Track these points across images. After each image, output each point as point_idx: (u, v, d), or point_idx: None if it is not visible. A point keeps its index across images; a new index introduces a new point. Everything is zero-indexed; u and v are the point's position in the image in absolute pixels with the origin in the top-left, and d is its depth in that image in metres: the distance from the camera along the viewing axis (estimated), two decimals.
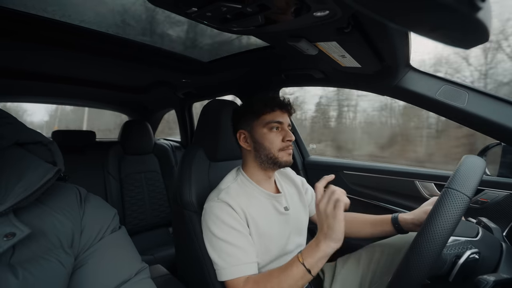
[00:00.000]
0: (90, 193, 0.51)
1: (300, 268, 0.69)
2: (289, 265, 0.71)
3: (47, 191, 0.44)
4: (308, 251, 0.70)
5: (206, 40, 1.12)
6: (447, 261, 0.62)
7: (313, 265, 0.68)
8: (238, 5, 0.54)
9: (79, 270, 0.42)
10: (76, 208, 0.46)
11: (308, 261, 0.68)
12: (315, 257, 0.68)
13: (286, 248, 0.88)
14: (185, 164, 0.99)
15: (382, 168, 1.27)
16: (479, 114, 0.82)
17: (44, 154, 0.46)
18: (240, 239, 0.78)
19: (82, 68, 1.48)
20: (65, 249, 0.41)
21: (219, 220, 0.78)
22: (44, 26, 0.92)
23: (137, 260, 0.49)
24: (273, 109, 0.86)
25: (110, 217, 0.50)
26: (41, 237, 0.40)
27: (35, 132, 0.47)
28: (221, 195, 0.82)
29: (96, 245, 0.45)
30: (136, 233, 1.88)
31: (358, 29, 0.67)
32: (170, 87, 1.77)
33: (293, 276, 0.69)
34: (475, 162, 0.61)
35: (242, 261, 0.75)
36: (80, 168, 1.80)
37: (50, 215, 0.42)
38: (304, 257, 0.69)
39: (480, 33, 0.29)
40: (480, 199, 0.97)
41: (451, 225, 0.52)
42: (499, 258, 0.63)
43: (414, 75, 0.93)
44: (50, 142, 0.48)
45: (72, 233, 0.43)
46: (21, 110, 5.82)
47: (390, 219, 0.90)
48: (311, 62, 1.05)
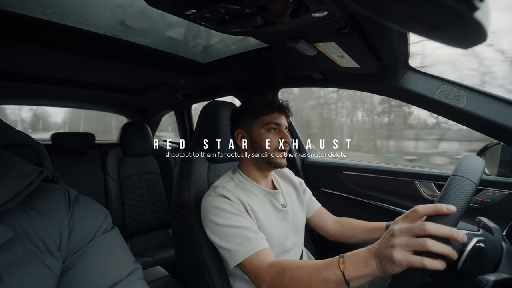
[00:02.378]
0: (81, 194, 0.50)
1: (338, 275, 0.56)
2: (325, 266, 0.60)
3: (33, 194, 0.43)
4: (352, 260, 0.57)
5: (205, 41, 1.12)
6: (455, 249, 0.62)
7: (354, 279, 0.56)
8: (237, 6, 0.54)
9: (67, 273, 0.41)
10: (64, 210, 0.45)
11: (350, 273, 0.56)
12: (360, 272, 0.55)
13: (285, 246, 0.88)
14: (184, 166, 0.99)
15: (381, 168, 1.27)
16: (478, 113, 0.82)
17: (31, 156, 0.45)
18: (243, 221, 0.77)
19: (81, 70, 1.48)
20: (52, 253, 0.40)
21: (218, 210, 0.79)
22: (43, 28, 0.92)
23: (129, 261, 0.48)
24: (273, 111, 0.90)
25: (101, 218, 0.49)
26: (25, 241, 0.39)
27: (21, 134, 0.47)
28: (218, 190, 0.83)
29: (86, 247, 0.44)
30: (135, 235, 1.88)
31: (357, 30, 0.67)
32: (169, 88, 1.77)
33: (327, 279, 0.58)
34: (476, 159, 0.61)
35: (252, 237, 0.74)
36: (80, 170, 1.80)
37: (36, 218, 0.41)
38: (346, 265, 0.57)
39: (479, 33, 0.29)
40: (479, 199, 0.97)
41: (460, 209, 0.52)
42: (499, 258, 0.63)
43: (413, 75, 0.93)
44: (36, 144, 0.47)
45: (60, 236, 0.42)
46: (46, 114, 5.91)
47: (384, 227, 0.89)
48: (310, 63, 1.05)
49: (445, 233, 0.47)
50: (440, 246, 0.46)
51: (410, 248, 0.48)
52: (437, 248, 0.46)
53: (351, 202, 1.33)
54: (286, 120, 0.93)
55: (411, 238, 0.49)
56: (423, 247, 0.46)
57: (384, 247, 0.52)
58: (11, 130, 0.46)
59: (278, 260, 0.70)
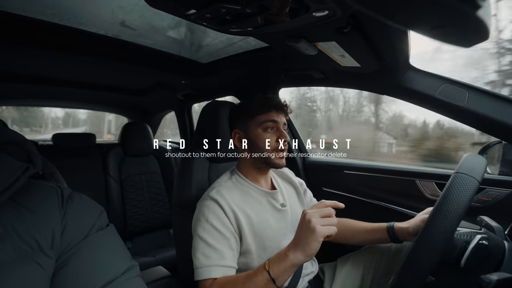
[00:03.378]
0: (75, 192, 0.49)
1: (265, 276, 0.64)
2: (255, 272, 0.67)
3: (24, 192, 0.43)
4: (275, 259, 0.67)
5: (205, 41, 1.12)
6: (458, 246, 0.62)
7: (279, 275, 0.64)
8: (237, 6, 0.54)
9: (61, 271, 0.41)
10: (56, 207, 0.44)
11: (274, 270, 0.64)
12: (281, 266, 0.64)
13: (281, 245, 0.86)
14: (185, 166, 0.99)
15: (382, 168, 1.26)
16: (479, 112, 0.81)
17: (19, 154, 0.45)
18: (219, 241, 0.76)
19: (81, 71, 1.48)
20: (44, 251, 0.40)
21: (204, 218, 0.78)
22: (43, 29, 0.92)
23: (125, 258, 0.48)
24: (269, 109, 0.87)
25: (95, 216, 0.48)
26: (15, 239, 0.39)
27: (10, 132, 0.47)
28: (212, 192, 0.82)
29: (79, 244, 0.43)
30: (137, 234, 1.88)
31: (358, 29, 0.67)
32: (169, 88, 1.77)
33: (257, 284, 0.65)
34: (478, 158, 0.61)
35: (215, 263, 0.74)
36: (81, 170, 1.80)
37: (26, 217, 0.41)
38: (270, 265, 0.65)
39: (480, 31, 0.29)
40: (481, 198, 0.97)
41: (463, 205, 0.52)
42: (501, 257, 0.63)
43: (413, 74, 0.93)
44: (25, 142, 0.47)
45: (52, 234, 0.42)
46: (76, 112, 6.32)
47: (385, 227, 0.88)
48: (311, 62, 1.05)
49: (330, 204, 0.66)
50: (335, 222, 0.64)
51: (321, 220, 0.62)
52: (334, 221, 0.64)
53: (352, 202, 1.33)
54: (285, 118, 0.91)
55: (321, 210, 0.64)
56: (330, 213, 0.64)
57: (299, 230, 0.65)
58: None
59: (217, 279, 0.72)
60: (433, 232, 0.53)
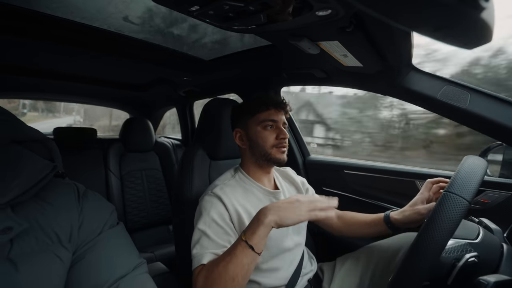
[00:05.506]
0: (88, 189, 0.52)
1: (243, 244, 0.65)
2: (234, 245, 0.68)
3: (46, 188, 0.44)
4: (249, 227, 0.68)
5: (208, 38, 1.12)
6: (446, 264, 0.62)
7: (253, 240, 0.64)
8: (240, 4, 0.54)
9: (77, 265, 0.43)
10: (74, 203, 0.46)
11: (249, 237, 0.65)
12: (256, 231, 0.65)
13: (284, 245, 0.87)
14: (186, 162, 0.99)
15: (383, 168, 1.26)
16: (481, 114, 0.81)
17: (42, 152, 0.47)
18: (220, 235, 0.76)
19: (83, 66, 1.48)
20: (63, 244, 0.42)
21: (206, 212, 0.79)
22: (46, 23, 0.92)
23: (135, 255, 0.49)
24: (268, 107, 0.88)
25: (108, 213, 0.50)
26: (39, 232, 0.41)
27: (32, 130, 0.48)
28: (215, 189, 0.83)
29: (95, 239, 0.46)
30: (136, 230, 1.89)
31: (360, 29, 0.67)
32: (171, 85, 1.77)
33: (237, 255, 0.65)
34: (476, 163, 0.61)
35: (208, 250, 0.73)
36: (81, 165, 1.81)
37: (48, 211, 0.43)
38: (246, 234, 0.66)
39: (484, 33, 0.29)
40: (481, 200, 0.97)
41: (450, 230, 0.52)
42: (499, 259, 0.63)
43: (416, 75, 0.93)
44: (47, 140, 0.49)
45: (71, 228, 0.44)
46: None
47: (382, 218, 0.91)
48: (313, 61, 1.04)
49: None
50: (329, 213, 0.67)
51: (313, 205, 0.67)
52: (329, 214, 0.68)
53: (353, 201, 1.33)
54: (285, 116, 0.92)
55: (315, 200, 0.68)
56: (323, 207, 0.67)
57: (284, 201, 0.69)
58: (22, 126, 0.48)
59: (205, 265, 0.71)
60: (417, 261, 0.53)
